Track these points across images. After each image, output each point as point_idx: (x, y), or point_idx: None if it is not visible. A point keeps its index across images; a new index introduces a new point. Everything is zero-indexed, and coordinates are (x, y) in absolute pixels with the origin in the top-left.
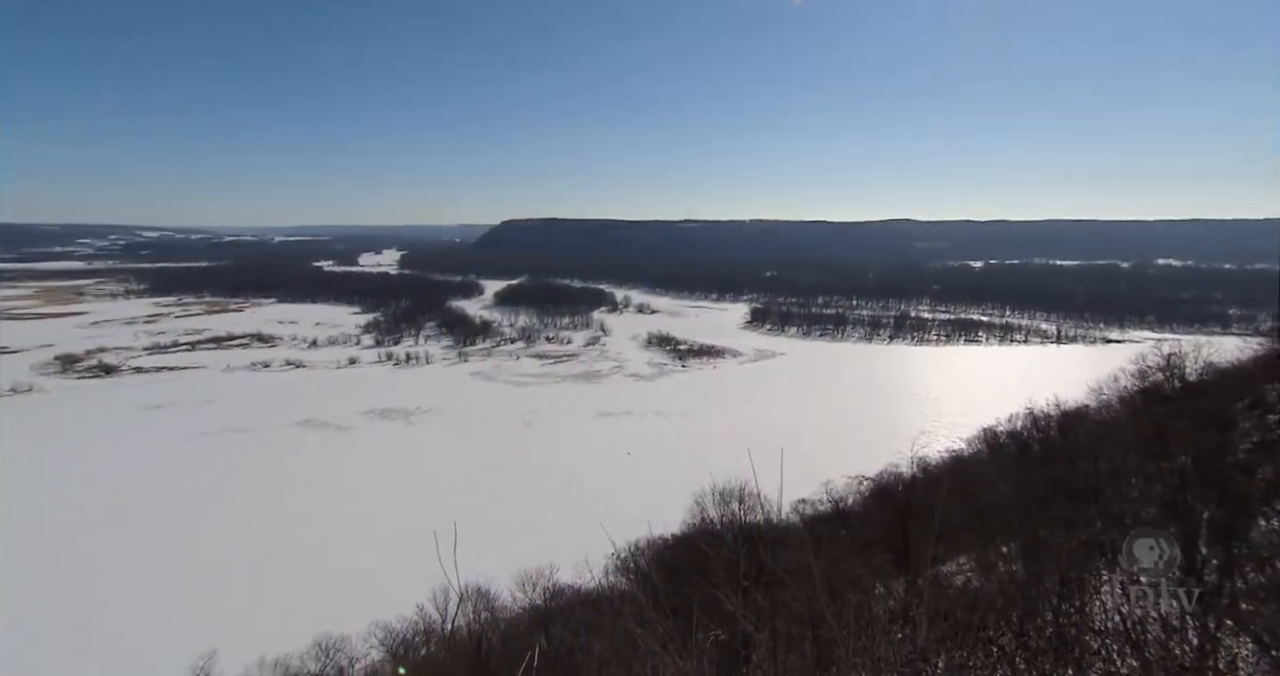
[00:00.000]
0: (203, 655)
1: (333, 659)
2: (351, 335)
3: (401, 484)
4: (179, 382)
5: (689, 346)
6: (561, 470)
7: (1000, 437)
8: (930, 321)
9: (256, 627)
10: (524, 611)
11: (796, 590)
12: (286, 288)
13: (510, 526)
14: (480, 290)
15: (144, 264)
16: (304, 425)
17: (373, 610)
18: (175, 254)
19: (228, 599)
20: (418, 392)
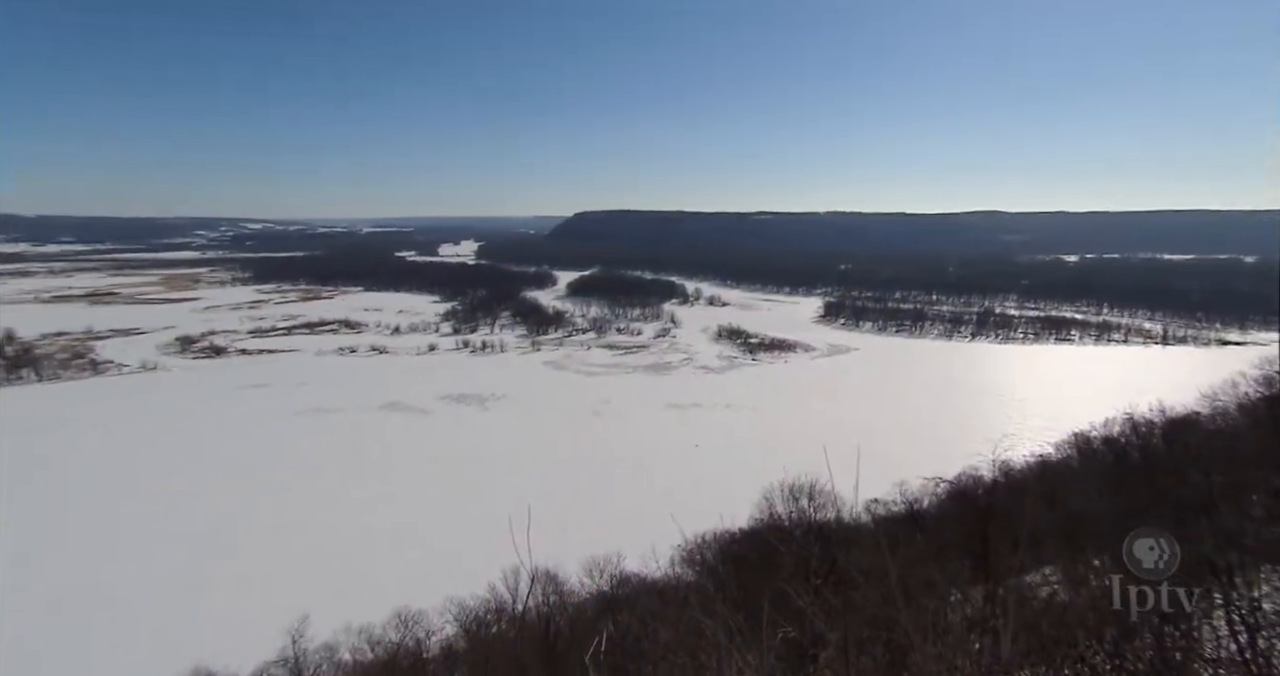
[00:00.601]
0: (297, 619)
1: (411, 630)
2: (431, 323)
3: (476, 467)
4: (277, 364)
5: (760, 340)
6: (629, 460)
7: (1094, 444)
8: (1017, 318)
9: (343, 597)
10: (591, 597)
11: (869, 591)
12: (372, 276)
13: (579, 513)
14: (553, 281)
15: (248, 254)
16: (387, 408)
17: (448, 586)
18: (275, 244)
19: (318, 569)
20: (492, 379)
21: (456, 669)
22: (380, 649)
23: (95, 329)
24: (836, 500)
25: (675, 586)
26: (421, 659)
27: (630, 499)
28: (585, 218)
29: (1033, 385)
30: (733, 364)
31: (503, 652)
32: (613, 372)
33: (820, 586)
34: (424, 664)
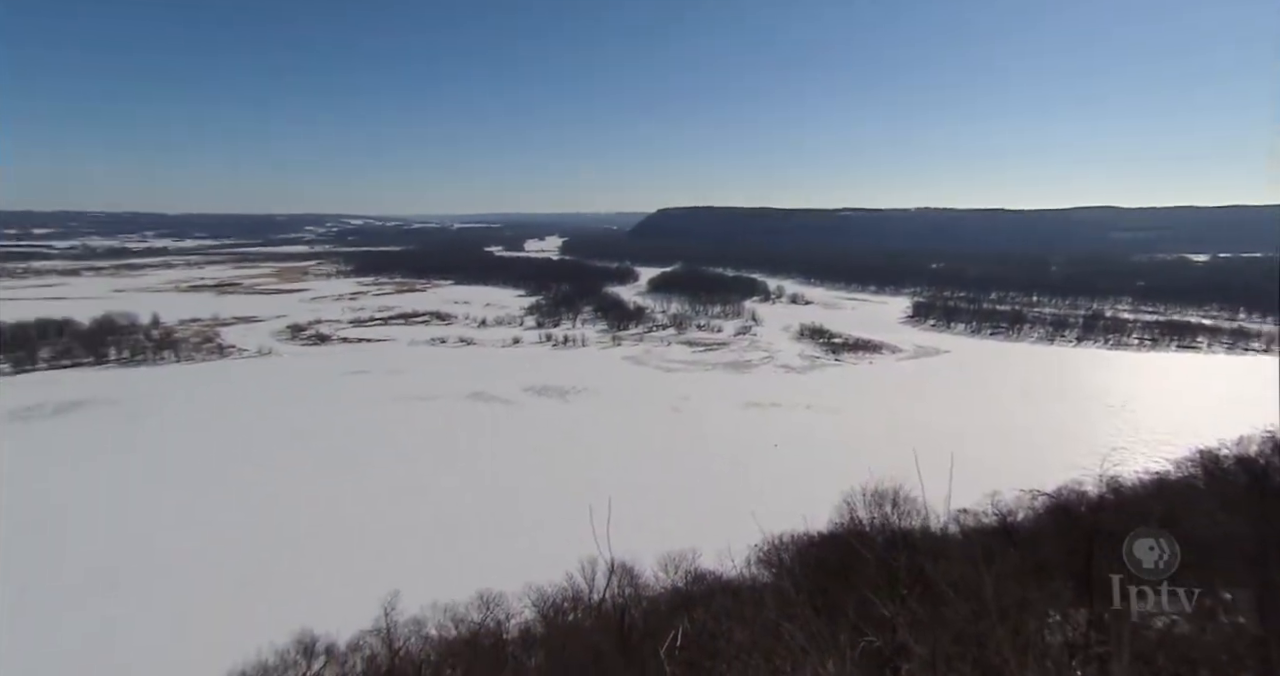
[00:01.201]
0: (389, 593)
1: (492, 612)
2: (516, 316)
3: (556, 458)
4: (374, 352)
5: (843, 340)
6: (707, 457)
7: (1224, 462)
8: (1131, 322)
9: (430, 576)
10: (665, 591)
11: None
12: (462, 271)
13: (655, 507)
14: (635, 276)
15: (351, 248)
16: (474, 397)
17: (527, 572)
18: (374, 239)
19: (408, 548)
20: (574, 373)
21: (534, 652)
22: (463, 627)
23: (221, 316)
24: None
25: (751, 587)
26: (501, 639)
27: (706, 496)
28: (667, 214)
29: (1148, 395)
30: (814, 364)
31: (578, 640)
32: (692, 369)
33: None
34: (503, 644)
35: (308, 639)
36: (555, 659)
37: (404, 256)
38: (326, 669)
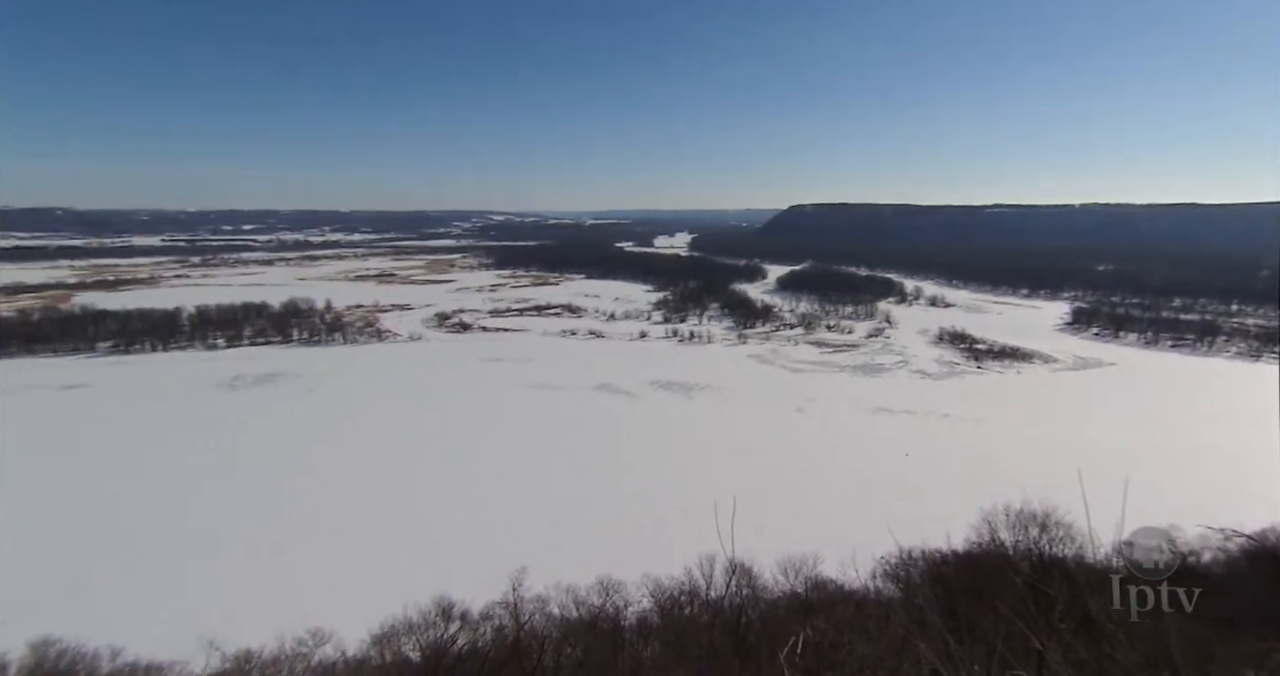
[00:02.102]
0: (516, 570)
1: (611, 598)
2: (643, 311)
3: (678, 453)
4: (509, 342)
5: (988, 346)
6: (831, 462)
7: None
8: None
9: (554, 557)
10: (784, 595)
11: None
12: (593, 265)
13: (775, 509)
14: (763, 274)
15: (492, 242)
16: (600, 388)
17: (645, 562)
18: (513, 234)
19: (534, 529)
20: (698, 369)
21: (650, 642)
22: (584, 609)
23: (380, 303)
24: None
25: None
26: (619, 625)
27: (829, 502)
28: (798, 211)
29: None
30: (953, 371)
31: (694, 635)
32: (819, 370)
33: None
34: (620, 630)
35: (445, 603)
36: (671, 651)
37: (540, 251)
38: (461, 633)
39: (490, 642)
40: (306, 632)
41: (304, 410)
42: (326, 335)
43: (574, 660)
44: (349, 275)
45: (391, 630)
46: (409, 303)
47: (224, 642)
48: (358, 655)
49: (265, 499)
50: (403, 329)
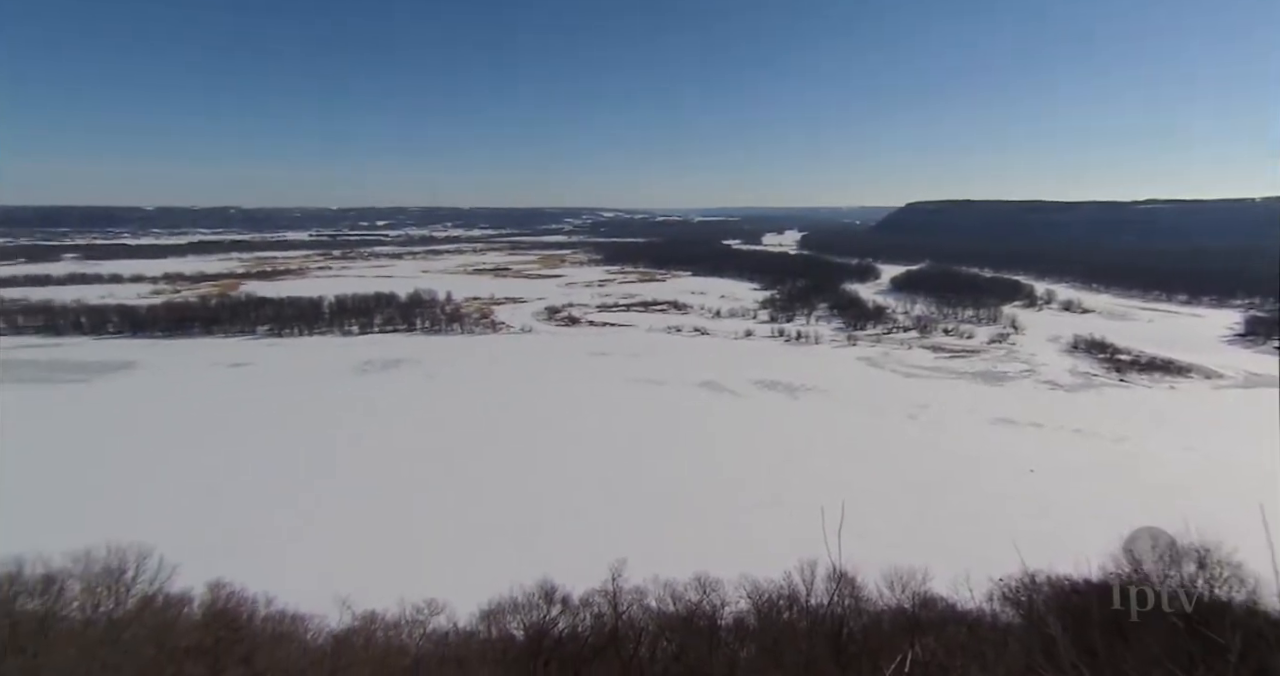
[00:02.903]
0: (616, 560)
1: (708, 596)
2: (749, 309)
3: (780, 453)
4: (616, 336)
5: (1133, 357)
6: (943, 473)
7: None
8: None
9: (653, 550)
10: (889, 609)
11: None
12: (700, 262)
13: (881, 517)
14: (876, 274)
15: (601, 239)
16: (704, 385)
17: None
18: (622, 230)
19: (635, 521)
20: (804, 370)
21: (747, 644)
22: (680, 605)
23: (495, 296)
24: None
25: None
26: (715, 624)
27: (940, 514)
28: (916, 208)
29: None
30: (1090, 382)
31: (792, 641)
32: (935, 376)
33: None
34: (717, 629)
35: (548, 586)
36: (767, 655)
37: (647, 247)
38: (562, 617)
39: (589, 628)
40: (423, 601)
41: (424, 395)
42: (446, 325)
43: (669, 654)
44: (467, 269)
45: (498, 607)
46: (521, 296)
47: (354, 602)
48: (467, 627)
49: (386, 475)
50: (515, 321)
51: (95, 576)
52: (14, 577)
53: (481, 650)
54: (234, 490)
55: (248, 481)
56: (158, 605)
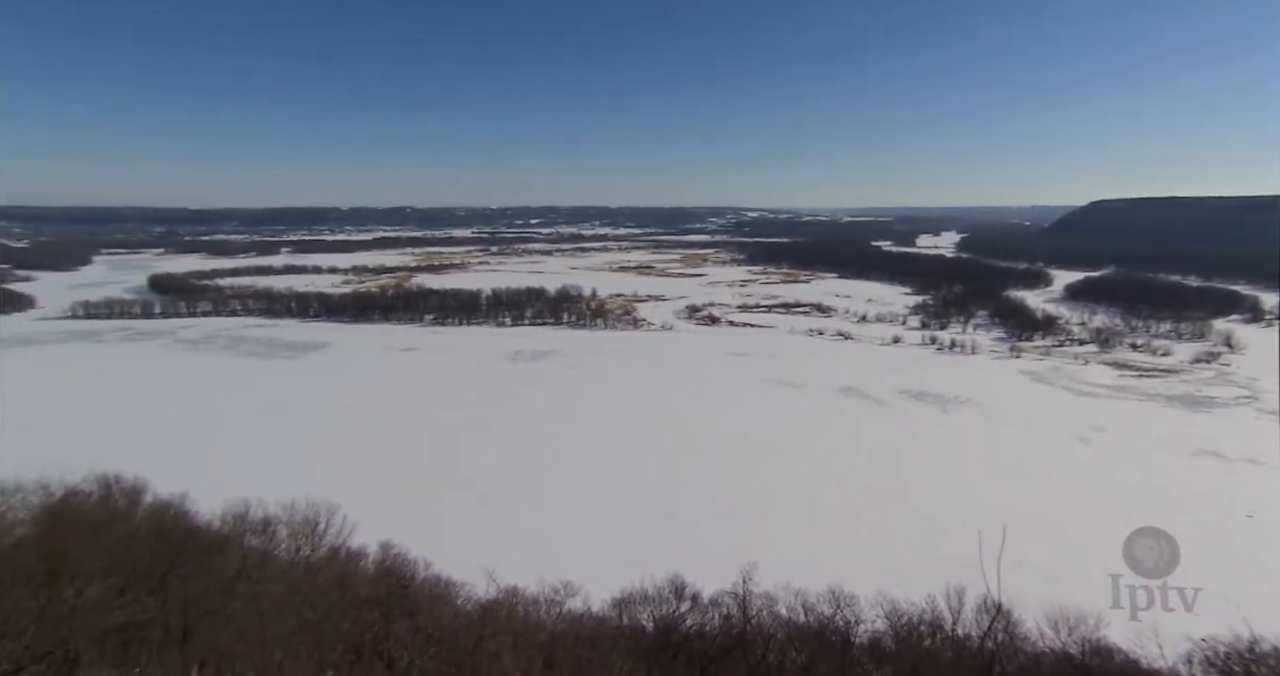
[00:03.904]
0: (747, 563)
1: (841, 611)
2: (899, 315)
3: (927, 469)
4: (755, 337)
5: None
6: (1124, 505)
7: None
8: None
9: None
10: (1050, 653)
11: None
12: (847, 264)
13: (1043, 548)
14: (1047, 280)
15: (745, 238)
16: (844, 391)
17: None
18: (766, 230)
19: (765, 526)
20: (957, 381)
21: (882, 667)
22: (811, 616)
23: (638, 294)
24: None
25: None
26: (848, 641)
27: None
28: (1101, 207)
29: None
30: None
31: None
32: (1116, 396)
33: None
34: (849, 647)
35: (678, 582)
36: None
37: (792, 248)
38: (690, 613)
39: (717, 629)
40: (559, 582)
41: (568, 385)
42: (590, 320)
43: (798, 664)
44: (613, 266)
45: (629, 596)
46: (663, 294)
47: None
48: (600, 612)
49: (531, 458)
50: (656, 318)
51: (298, 525)
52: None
53: (614, 636)
54: (400, 459)
55: (410, 452)
56: (341, 556)
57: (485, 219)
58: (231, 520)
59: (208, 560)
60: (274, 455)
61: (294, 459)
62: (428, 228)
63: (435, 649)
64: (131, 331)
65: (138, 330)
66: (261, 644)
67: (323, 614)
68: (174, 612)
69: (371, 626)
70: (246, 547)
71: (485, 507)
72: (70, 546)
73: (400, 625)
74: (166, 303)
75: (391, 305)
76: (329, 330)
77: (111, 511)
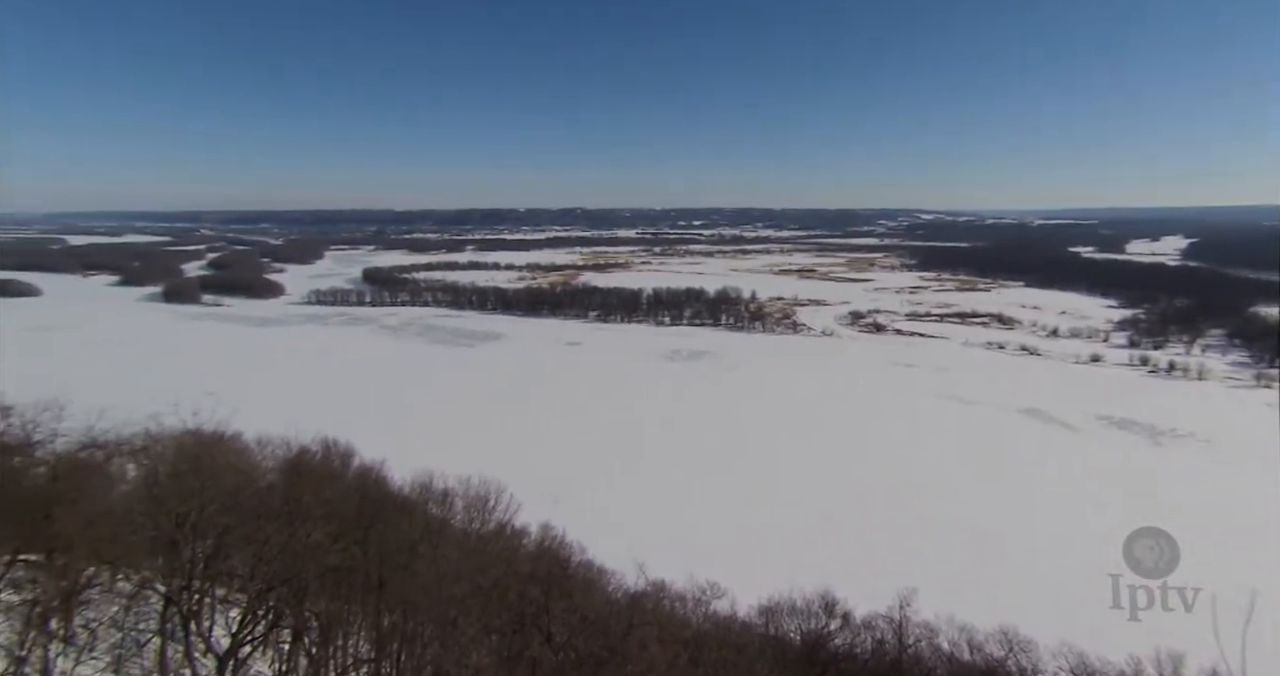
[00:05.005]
0: (905, 588)
1: (1014, 654)
2: (1099, 330)
3: (1129, 508)
4: (924, 348)
5: None
6: None
7: None
8: None
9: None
10: None
11: None
12: (1036, 272)
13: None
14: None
15: (917, 242)
16: (1027, 413)
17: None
18: (942, 234)
19: (926, 546)
20: (1175, 409)
21: None
22: (978, 656)
23: (799, 298)
24: None
25: None
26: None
27: None
28: None
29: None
30: None
31: None
32: None
33: None
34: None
35: (829, 597)
36: None
37: (971, 253)
38: (840, 632)
39: (869, 652)
40: (706, 582)
41: (722, 386)
42: (748, 323)
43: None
44: (773, 269)
45: (776, 606)
46: (825, 299)
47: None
48: (745, 617)
49: (683, 455)
50: (816, 324)
51: (471, 499)
52: (426, 487)
53: (759, 644)
54: (558, 447)
55: (570, 441)
56: (507, 532)
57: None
58: (418, 488)
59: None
60: (452, 432)
61: (468, 437)
62: (595, 228)
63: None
64: (348, 317)
65: (352, 316)
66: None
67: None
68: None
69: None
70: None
71: (637, 498)
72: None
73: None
74: (374, 292)
75: (559, 301)
76: (504, 322)
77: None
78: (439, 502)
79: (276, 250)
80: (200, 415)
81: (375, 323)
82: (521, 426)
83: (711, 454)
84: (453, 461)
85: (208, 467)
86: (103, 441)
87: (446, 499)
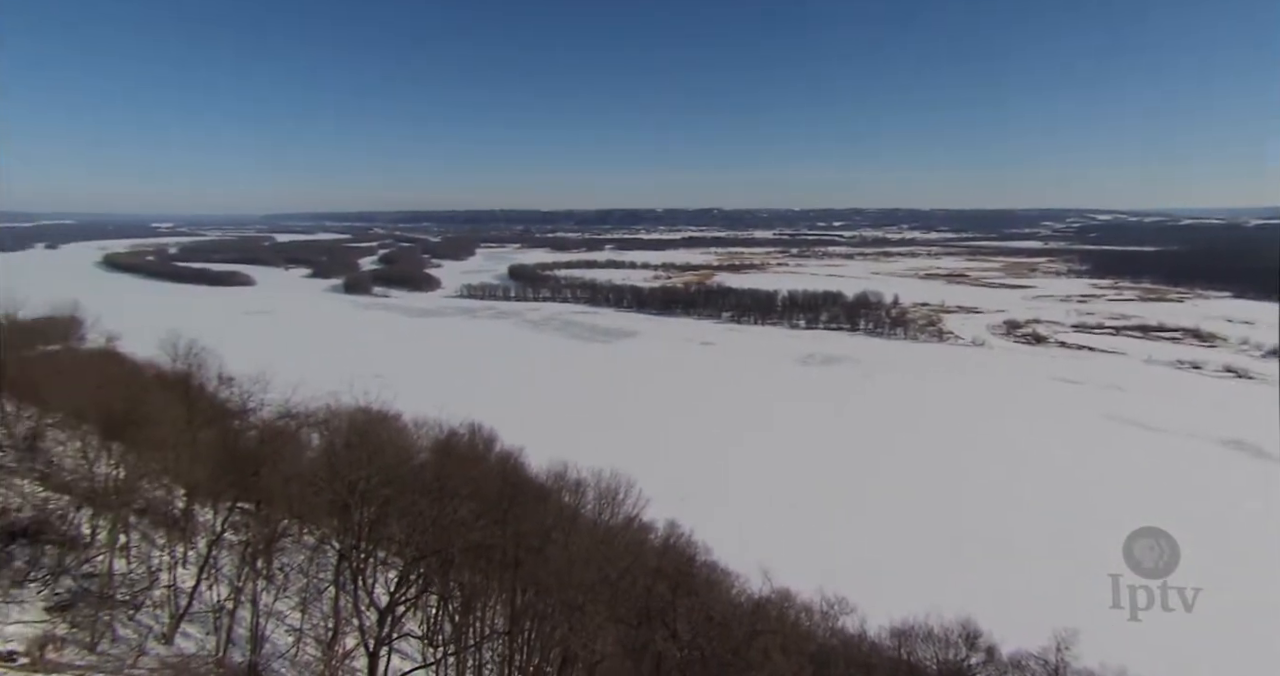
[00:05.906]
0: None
1: None
2: None
3: None
4: (1094, 363)
5: None
6: None
7: None
8: None
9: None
10: None
11: None
12: (1248, 281)
13: None
14: None
15: (1090, 246)
16: (1229, 444)
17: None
18: (1122, 237)
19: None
20: None
21: None
22: None
23: (946, 304)
24: None
25: None
26: None
27: None
28: None
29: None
30: None
31: None
32: None
33: None
34: None
35: (971, 628)
36: None
37: (1159, 257)
38: (984, 667)
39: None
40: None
41: (858, 395)
42: (889, 328)
43: None
44: (919, 273)
45: (910, 629)
46: (977, 306)
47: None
48: (875, 638)
49: (812, 462)
50: (965, 332)
51: (603, 491)
52: (560, 476)
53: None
54: (686, 445)
55: (700, 440)
56: (634, 526)
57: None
58: (553, 476)
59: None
60: (585, 424)
61: (600, 430)
62: (732, 228)
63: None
64: (495, 310)
65: (499, 310)
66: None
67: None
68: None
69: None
70: (562, 502)
71: (762, 504)
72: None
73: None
74: (519, 288)
75: (693, 301)
76: (638, 320)
77: (475, 452)
78: (572, 491)
79: (435, 247)
80: (369, 395)
81: (519, 317)
82: (651, 423)
83: (843, 465)
84: (584, 453)
85: (374, 442)
86: (296, 412)
87: (579, 489)
